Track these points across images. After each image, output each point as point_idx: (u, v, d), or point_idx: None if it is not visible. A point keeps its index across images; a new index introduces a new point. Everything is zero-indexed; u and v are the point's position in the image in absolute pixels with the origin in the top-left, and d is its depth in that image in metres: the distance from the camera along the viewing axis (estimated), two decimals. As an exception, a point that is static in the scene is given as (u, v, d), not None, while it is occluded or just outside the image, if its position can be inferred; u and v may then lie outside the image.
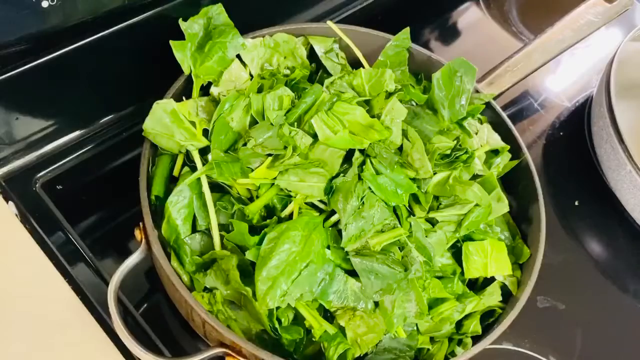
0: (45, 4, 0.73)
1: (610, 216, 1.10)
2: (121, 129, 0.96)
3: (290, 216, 0.75)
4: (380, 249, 0.72)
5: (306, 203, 0.76)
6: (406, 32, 0.95)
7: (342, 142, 0.75)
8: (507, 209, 0.82)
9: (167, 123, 0.77)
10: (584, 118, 1.20)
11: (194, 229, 0.76)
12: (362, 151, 0.77)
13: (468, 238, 0.81)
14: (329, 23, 0.94)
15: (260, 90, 0.81)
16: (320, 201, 0.76)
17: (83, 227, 0.87)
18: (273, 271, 0.68)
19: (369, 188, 0.74)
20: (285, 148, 0.75)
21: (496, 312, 0.81)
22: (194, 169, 0.78)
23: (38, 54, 0.79)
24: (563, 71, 1.31)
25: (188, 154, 0.80)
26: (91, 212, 0.90)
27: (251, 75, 0.87)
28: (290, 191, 0.74)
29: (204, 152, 0.79)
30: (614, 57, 1.07)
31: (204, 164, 0.76)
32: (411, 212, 0.79)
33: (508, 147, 0.91)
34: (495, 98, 0.94)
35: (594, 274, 1.04)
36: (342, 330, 0.72)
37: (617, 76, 1.05)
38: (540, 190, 0.87)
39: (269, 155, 0.76)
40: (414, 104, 0.87)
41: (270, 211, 0.76)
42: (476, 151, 0.86)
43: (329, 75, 0.91)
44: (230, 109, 0.78)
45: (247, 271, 0.71)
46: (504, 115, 0.93)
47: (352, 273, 0.72)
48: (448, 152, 0.82)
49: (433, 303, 0.77)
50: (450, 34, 1.31)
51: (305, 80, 0.88)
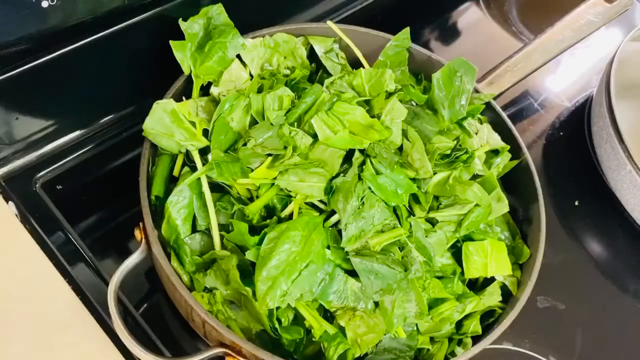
0: (45, 4, 0.73)
1: (610, 216, 1.10)
2: (121, 129, 0.96)
3: (290, 216, 0.75)
4: (380, 249, 0.72)
5: (306, 203, 0.76)
6: (406, 32, 0.95)
7: (342, 142, 0.75)
8: (507, 209, 0.82)
9: (167, 123, 0.77)
10: (584, 118, 1.20)
11: (194, 229, 0.76)
12: (362, 151, 0.77)
13: (468, 238, 0.81)
14: (329, 23, 0.94)
15: (260, 90, 0.81)
16: (320, 201, 0.76)
17: (83, 227, 0.86)
18: (273, 271, 0.68)
19: (369, 188, 0.74)
20: (285, 148, 0.75)
21: (496, 312, 0.81)
22: (194, 169, 0.78)
23: (38, 54, 0.79)
24: (563, 71, 1.31)
25: (188, 154, 0.80)
26: (91, 212, 0.89)
27: (251, 75, 0.87)
28: (290, 191, 0.74)
29: (204, 152, 0.79)
30: (614, 57, 1.07)
31: (204, 164, 0.76)
32: (411, 212, 0.79)
33: (508, 147, 0.91)
34: (495, 98, 0.94)
35: (594, 274, 1.03)
36: (342, 330, 0.72)
37: (617, 76, 1.05)
38: (540, 190, 0.87)
39: (269, 155, 0.76)
40: (414, 104, 0.87)
41: (270, 211, 0.76)
42: (476, 151, 0.86)
43: (329, 75, 0.91)
44: (230, 109, 0.78)
45: (247, 271, 0.71)
46: (504, 115, 0.93)
47: (352, 273, 0.72)
48: (448, 152, 0.82)
49: (433, 303, 0.77)
50: (450, 34, 1.31)
51: (305, 80, 0.88)
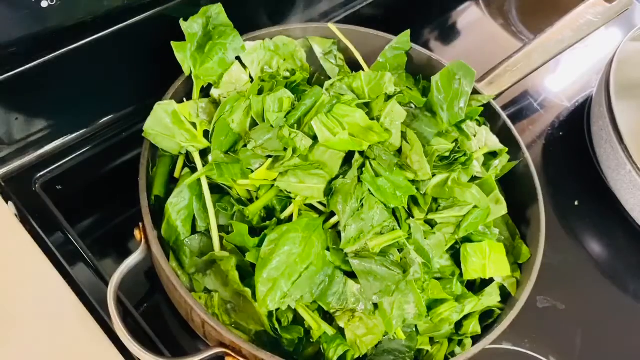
0: (45, 4, 0.73)
1: (610, 216, 1.10)
2: (121, 129, 0.96)
3: (290, 218, 0.75)
4: (379, 251, 0.72)
5: (306, 204, 0.76)
6: (406, 35, 0.95)
7: (342, 144, 0.75)
8: (506, 211, 0.82)
9: (168, 124, 0.77)
10: (584, 118, 1.20)
11: (194, 230, 0.76)
12: (362, 153, 0.77)
13: (467, 240, 0.81)
14: (330, 25, 0.94)
15: (260, 92, 0.81)
16: (319, 203, 0.76)
17: (83, 227, 0.87)
18: (273, 273, 0.68)
19: (368, 190, 0.74)
20: (285, 150, 0.75)
21: (495, 313, 0.81)
22: (194, 170, 0.78)
23: (38, 54, 0.79)
24: (563, 71, 1.31)
25: (188, 155, 0.80)
26: (91, 212, 0.89)
27: (251, 77, 0.87)
28: (290, 193, 0.75)
29: (205, 154, 0.79)
30: (614, 57, 1.07)
31: (205, 165, 0.76)
32: (410, 214, 0.79)
33: (506, 150, 0.91)
34: (495, 98, 0.94)
35: (594, 274, 1.03)
36: (342, 331, 0.72)
37: (617, 76, 1.04)
38: (540, 190, 0.87)
39: (269, 156, 0.76)
40: (413, 107, 0.87)
41: (269, 212, 0.76)
42: (475, 153, 0.86)
43: (326, 77, 0.91)
44: (230, 111, 0.79)
45: (247, 272, 0.72)
46: (504, 115, 0.93)
47: (352, 275, 0.72)
48: (447, 154, 0.82)
49: (432, 304, 0.77)
50: (450, 34, 1.31)
51: (305, 82, 0.88)
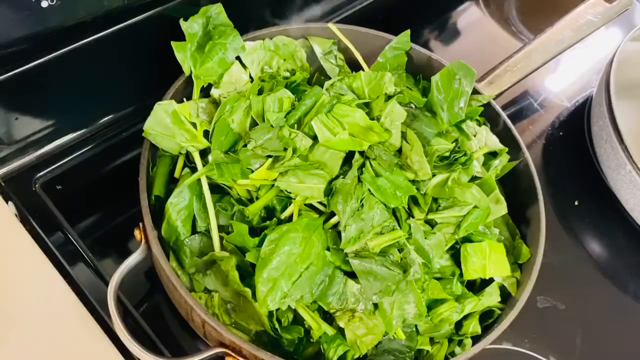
0: (45, 4, 0.73)
1: (610, 216, 1.10)
2: (121, 129, 0.96)
3: (290, 218, 0.75)
4: (379, 251, 0.72)
5: (306, 204, 0.76)
6: (406, 35, 0.95)
7: (342, 144, 0.75)
8: (506, 211, 0.82)
9: (168, 124, 0.77)
10: (584, 118, 1.20)
11: (194, 230, 0.76)
12: (362, 153, 0.77)
13: (467, 239, 0.81)
14: (330, 25, 0.94)
15: (260, 92, 0.81)
16: (319, 203, 0.76)
17: (83, 227, 0.87)
18: (274, 272, 0.68)
19: (369, 190, 0.74)
20: (285, 150, 0.75)
21: (495, 313, 0.81)
22: (194, 170, 0.78)
23: (38, 54, 0.79)
24: (563, 71, 1.31)
25: (188, 155, 0.80)
26: (91, 212, 0.89)
27: (251, 77, 0.87)
28: (290, 192, 0.75)
29: (205, 154, 0.79)
30: (614, 57, 1.07)
31: (204, 165, 0.76)
32: (410, 214, 0.79)
33: (506, 150, 0.91)
34: (495, 98, 0.94)
35: (594, 274, 1.03)
36: (342, 331, 0.72)
37: (617, 76, 1.05)
38: (540, 190, 0.87)
39: (269, 156, 0.76)
40: (413, 107, 0.87)
41: (270, 212, 0.76)
42: (475, 153, 0.86)
43: (326, 77, 0.91)
44: (230, 111, 0.79)
45: (247, 272, 0.72)
46: (504, 115, 0.93)
47: (352, 275, 0.72)
48: (447, 154, 0.82)
49: (432, 304, 0.77)
50: (450, 34, 1.31)
51: (305, 82, 0.88)
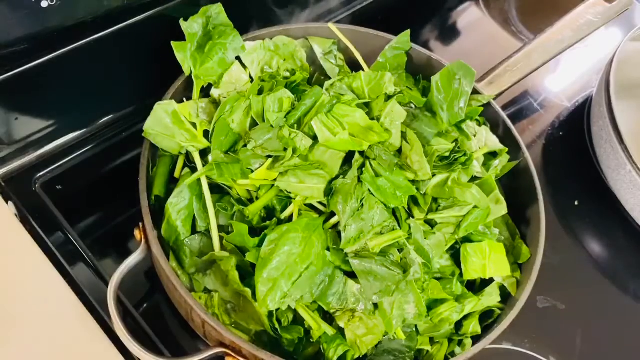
0: (45, 4, 0.73)
1: (610, 216, 1.10)
2: (121, 129, 0.96)
3: (290, 218, 0.75)
4: (379, 251, 0.72)
5: (306, 204, 0.76)
6: (406, 35, 0.95)
7: (342, 144, 0.75)
8: (506, 211, 0.82)
9: (168, 124, 0.77)
10: (584, 118, 1.20)
11: (194, 230, 0.76)
12: (362, 153, 0.77)
13: (467, 240, 0.81)
14: (330, 25, 0.94)
15: (260, 92, 0.81)
16: (319, 203, 0.76)
17: (83, 227, 0.86)
18: (274, 273, 0.68)
19: (369, 190, 0.74)
20: (285, 150, 0.75)
21: (495, 313, 0.81)
22: (194, 170, 0.78)
23: (38, 54, 0.79)
24: (563, 71, 1.31)
25: (188, 155, 0.80)
26: (91, 212, 0.89)
27: (251, 77, 0.87)
28: (290, 192, 0.74)
29: (205, 154, 0.79)
30: (614, 57, 1.07)
31: (204, 165, 0.76)
32: (410, 214, 0.79)
33: (506, 150, 0.91)
34: (495, 98, 0.94)
35: (594, 274, 1.03)
36: (342, 331, 0.72)
37: (617, 76, 1.05)
38: (540, 190, 0.87)
39: (269, 156, 0.76)
40: (413, 107, 0.87)
41: (269, 212, 0.76)
42: (475, 153, 0.86)
43: (326, 77, 0.91)
44: (230, 111, 0.79)
45: (247, 272, 0.72)
46: (504, 115, 0.93)
47: (352, 275, 0.72)
48: (447, 154, 0.82)
49: (432, 304, 0.77)
50: (450, 34, 1.31)
51: (305, 82, 0.88)
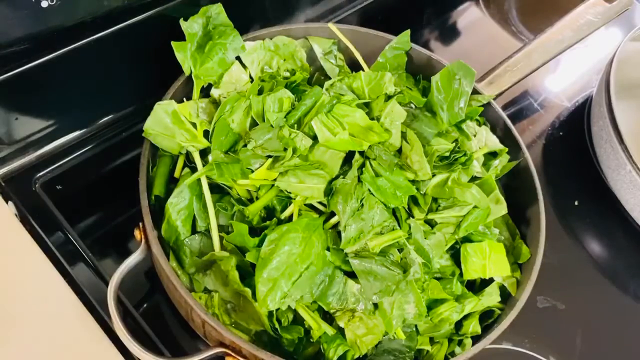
0: (45, 4, 0.73)
1: (610, 216, 1.10)
2: (121, 129, 0.96)
3: (290, 218, 0.75)
4: (379, 251, 0.72)
5: (306, 204, 0.76)
6: (406, 35, 0.95)
7: (342, 144, 0.75)
8: (506, 211, 0.82)
9: (168, 124, 0.77)
10: (584, 118, 1.20)
11: (194, 230, 0.76)
12: (362, 153, 0.77)
13: (467, 239, 0.81)
14: (330, 25, 0.94)
15: (260, 92, 0.81)
16: (319, 203, 0.76)
17: (83, 227, 0.86)
18: (274, 272, 0.68)
19: (369, 190, 0.74)
20: (285, 150, 0.75)
21: (495, 312, 0.81)
22: (195, 170, 0.78)
23: (38, 54, 0.79)
24: (563, 71, 1.31)
25: (188, 155, 0.80)
26: (91, 212, 0.89)
27: (251, 77, 0.87)
28: (290, 192, 0.75)
29: (205, 154, 0.79)
30: (614, 57, 1.07)
31: (204, 165, 0.76)
32: (410, 214, 0.79)
33: (506, 150, 0.91)
34: (495, 98, 0.94)
35: (594, 274, 1.03)
36: (342, 331, 0.72)
37: (617, 76, 1.05)
38: (540, 190, 0.87)
39: (269, 156, 0.76)
40: (413, 107, 0.87)
41: (269, 212, 0.76)
42: (475, 153, 0.86)
43: (326, 77, 0.91)
44: (230, 111, 0.79)
45: (247, 272, 0.72)
46: (504, 115, 0.93)
47: (352, 275, 0.72)
48: (447, 154, 0.82)
49: (432, 304, 0.77)
50: (450, 34, 1.31)
51: (305, 82, 0.88)
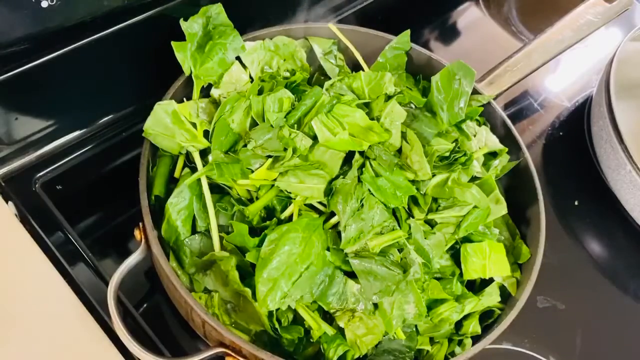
0: (45, 4, 0.73)
1: (610, 216, 1.10)
2: (121, 129, 0.96)
3: (290, 218, 0.75)
4: (379, 251, 0.72)
5: (306, 204, 0.76)
6: (406, 35, 0.95)
7: (342, 144, 0.75)
8: (505, 211, 0.82)
9: (168, 124, 0.77)
10: (584, 118, 1.20)
11: (194, 230, 0.76)
12: (362, 153, 0.77)
13: (467, 239, 0.81)
14: (330, 25, 0.94)
15: (260, 92, 0.81)
16: (319, 203, 0.76)
17: (83, 227, 0.87)
18: (274, 272, 0.68)
19: (369, 190, 0.74)
20: (285, 150, 0.75)
21: (495, 313, 0.81)
22: (195, 170, 0.78)
23: (38, 54, 0.79)
24: (563, 71, 1.31)
25: (188, 155, 0.80)
26: (91, 212, 0.90)
27: (251, 77, 0.87)
28: (290, 193, 0.75)
29: (205, 154, 0.79)
30: (614, 57, 1.07)
31: (204, 165, 0.76)
32: (410, 214, 0.79)
33: (506, 150, 0.91)
34: (495, 98, 0.94)
35: (594, 274, 1.03)
36: (342, 331, 0.72)
37: (617, 76, 1.05)
38: (540, 190, 0.87)
39: (269, 156, 0.76)
40: (413, 107, 0.87)
41: (269, 212, 0.76)
42: (475, 153, 0.86)
43: (326, 77, 0.91)
44: (230, 111, 0.79)
45: (247, 272, 0.72)
46: (504, 115, 0.93)
47: (352, 275, 0.72)
48: (447, 155, 0.82)
49: (432, 304, 0.77)
50: (450, 34, 1.31)
51: (305, 82, 0.88)
